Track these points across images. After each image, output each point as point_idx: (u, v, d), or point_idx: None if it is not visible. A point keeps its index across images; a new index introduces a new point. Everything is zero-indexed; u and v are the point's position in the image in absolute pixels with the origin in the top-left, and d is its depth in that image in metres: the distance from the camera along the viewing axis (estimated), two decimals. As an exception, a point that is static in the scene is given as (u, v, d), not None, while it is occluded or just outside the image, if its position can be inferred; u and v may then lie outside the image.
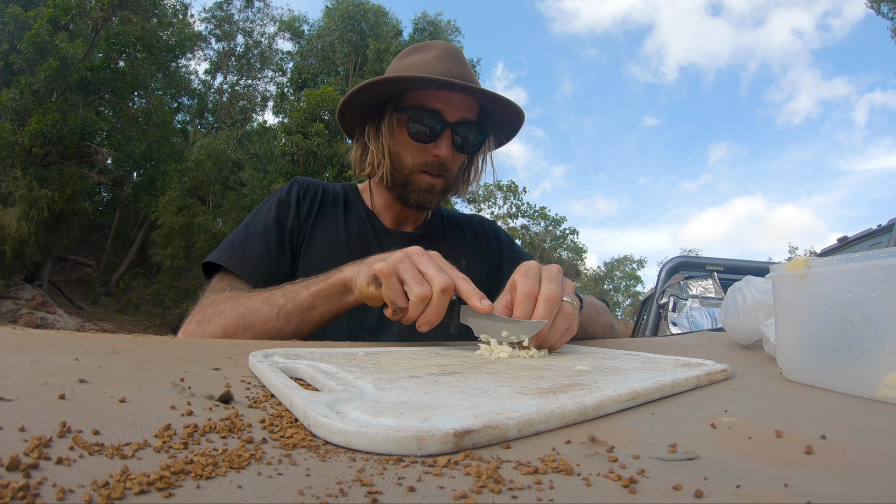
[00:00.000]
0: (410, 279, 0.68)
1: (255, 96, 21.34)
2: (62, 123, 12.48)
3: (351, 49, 17.83)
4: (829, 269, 0.49)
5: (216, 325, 0.87)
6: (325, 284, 0.82)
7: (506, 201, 25.76)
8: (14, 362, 0.44)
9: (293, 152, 13.53)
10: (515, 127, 1.19)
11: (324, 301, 0.83)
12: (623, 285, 36.09)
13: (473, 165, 1.20)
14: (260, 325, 0.84)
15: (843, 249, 5.11)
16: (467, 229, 1.32)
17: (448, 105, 1.06)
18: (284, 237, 1.09)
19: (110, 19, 13.81)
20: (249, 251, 1.04)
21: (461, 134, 1.08)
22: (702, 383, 0.51)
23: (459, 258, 1.20)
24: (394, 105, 1.09)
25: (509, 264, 1.29)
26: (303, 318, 0.84)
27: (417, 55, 1.12)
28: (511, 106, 1.10)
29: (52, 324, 11.67)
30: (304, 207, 1.14)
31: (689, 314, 4.62)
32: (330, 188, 1.22)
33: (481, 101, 1.10)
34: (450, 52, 1.12)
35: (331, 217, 1.16)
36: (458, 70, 1.08)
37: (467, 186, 1.20)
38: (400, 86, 1.07)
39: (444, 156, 1.06)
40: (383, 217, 1.21)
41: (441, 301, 0.67)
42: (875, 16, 13.80)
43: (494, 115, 1.14)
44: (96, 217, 17.94)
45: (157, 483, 0.22)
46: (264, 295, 0.88)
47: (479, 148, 1.14)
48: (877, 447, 0.31)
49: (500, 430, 0.31)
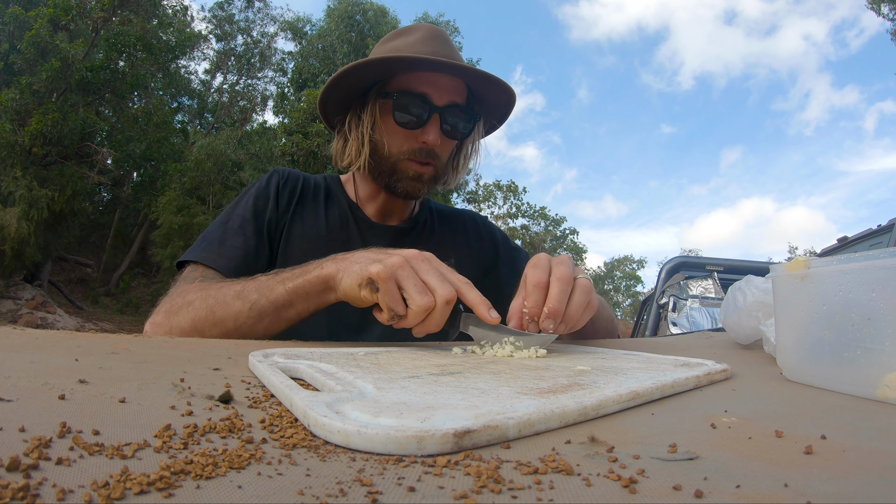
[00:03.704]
0: (412, 288, 0.64)
1: (255, 96, 21.33)
2: (62, 123, 12.48)
3: (351, 49, 17.85)
4: (829, 269, 0.49)
5: (184, 317, 0.81)
6: (304, 281, 0.76)
7: (506, 201, 25.79)
8: (14, 362, 0.44)
9: (293, 152, 13.54)
10: (506, 110, 1.13)
11: (301, 299, 0.77)
12: (623, 285, 36.09)
13: (463, 152, 1.14)
14: (230, 320, 0.79)
15: (843, 249, 5.10)
16: (458, 224, 1.26)
17: (435, 88, 1.00)
18: (262, 229, 1.04)
19: (110, 19, 13.81)
20: (227, 246, 0.98)
21: (450, 119, 1.02)
22: (702, 383, 0.50)
23: (448, 255, 1.15)
24: (378, 91, 1.03)
25: (507, 264, 1.24)
26: (277, 315, 0.78)
27: (401, 39, 1.07)
28: (501, 86, 1.04)
29: (52, 324, 11.67)
30: (283, 199, 1.10)
31: (689, 314, 4.62)
32: (311, 179, 1.17)
33: (470, 83, 1.05)
34: (435, 34, 1.06)
35: (311, 209, 1.11)
36: (445, 51, 1.03)
37: (457, 174, 1.14)
38: (383, 69, 1.01)
39: (432, 142, 1.00)
40: (367, 208, 1.15)
41: (444, 312, 0.64)
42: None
43: (484, 99, 1.09)
44: (96, 217, 17.94)
45: (157, 483, 0.22)
46: (236, 287, 0.81)
47: (470, 133, 1.08)
48: (877, 447, 0.31)
49: (500, 430, 0.31)
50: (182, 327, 0.81)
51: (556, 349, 0.71)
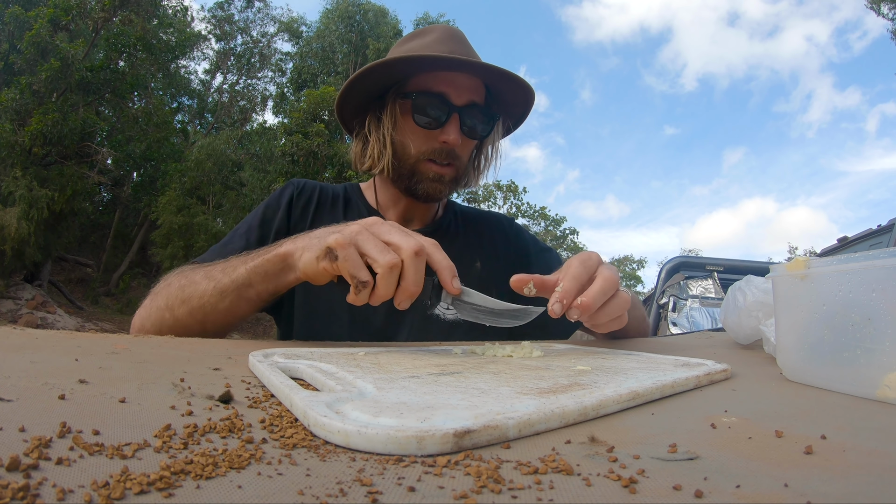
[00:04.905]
0: (373, 249, 0.60)
1: (254, 96, 21.35)
2: (62, 123, 12.48)
3: (351, 49, 17.85)
4: (829, 269, 0.49)
5: (161, 297, 0.83)
6: (262, 260, 0.74)
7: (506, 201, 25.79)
8: (14, 362, 0.44)
9: (293, 152, 13.54)
10: (525, 109, 1.12)
11: (260, 278, 0.75)
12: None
13: (483, 153, 1.13)
14: (196, 298, 0.78)
15: (843, 249, 5.11)
16: (484, 227, 1.22)
17: (454, 87, 1.00)
18: (268, 236, 1.05)
19: (111, 19, 13.82)
20: (228, 250, 0.99)
21: (470, 118, 1.01)
22: (702, 383, 0.50)
23: (474, 258, 1.13)
24: (396, 92, 1.03)
25: (539, 268, 1.15)
26: (238, 294, 0.77)
27: (417, 40, 1.07)
28: (520, 83, 1.03)
29: (52, 324, 11.66)
30: (296, 209, 1.10)
31: (689, 314, 4.63)
32: (329, 189, 1.17)
33: (488, 82, 1.05)
34: (451, 34, 1.06)
35: (329, 218, 1.10)
36: (462, 50, 1.03)
37: (478, 175, 1.13)
38: (401, 70, 1.01)
39: (453, 142, 0.99)
40: (388, 214, 1.14)
41: (417, 265, 0.60)
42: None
43: (501, 99, 1.08)
44: (96, 217, 17.94)
45: (157, 483, 0.22)
46: (208, 268, 0.82)
47: (490, 133, 1.07)
48: (877, 447, 0.31)
49: (500, 430, 0.31)
50: (158, 307, 0.83)
51: (556, 349, 0.71)
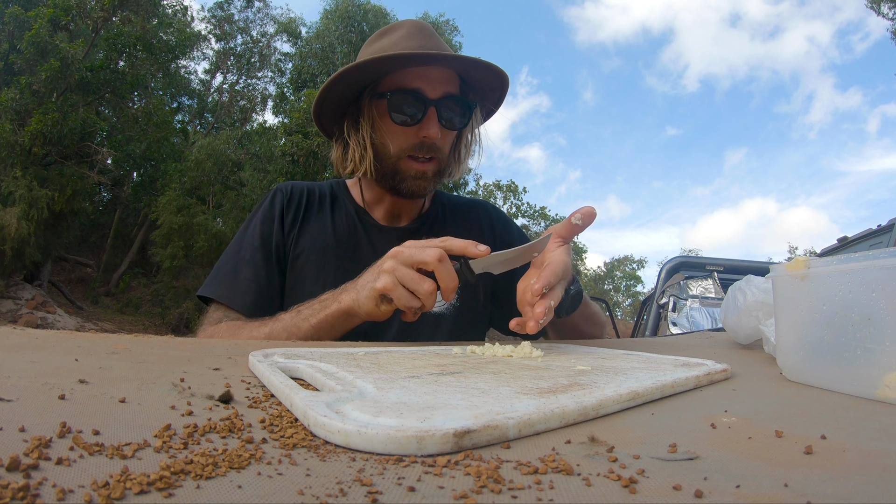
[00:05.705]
0: (411, 282, 0.72)
1: (254, 96, 21.32)
2: (62, 123, 12.47)
3: (350, 49, 17.83)
4: (829, 269, 0.49)
5: None
6: (326, 315, 0.83)
7: (506, 201, 25.77)
8: (14, 362, 0.44)
9: (293, 152, 13.53)
10: (501, 94, 1.12)
11: (327, 330, 0.84)
12: (623, 285, 36.11)
13: (464, 142, 1.14)
14: None
15: (843, 249, 5.10)
16: (471, 216, 1.24)
17: (427, 81, 1.00)
18: (271, 255, 1.07)
19: (111, 19, 13.81)
20: (240, 279, 1.03)
21: (447, 110, 1.02)
22: (702, 383, 0.50)
23: None
24: (371, 93, 1.03)
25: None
26: None
27: (385, 38, 1.07)
28: (493, 70, 1.04)
29: (52, 324, 11.66)
30: (287, 218, 1.11)
31: (689, 314, 4.62)
32: (316, 189, 1.17)
33: (461, 71, 1.05)
34: (419, 28, 1.06)
35: (317, 219, 1.12)
36: (430, 44, 1.03)
37: (460, 165, 1.14)
38: (374, 70, 1.01)
39: (433, 136, 1.00)
40: (375, 211, 1.15)
41: (446, 270, 0.71)
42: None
43: (477, 86, 1.08)
44: (96, 217, 17.92)
45: (157, 483, 0.22)
46: (264, 331, 0.88)
47: (468, 122, 1.07)
48: (877, 447, 0.31)
49: (500, 430, 0.31)
50: None
51: (557, 349, 0.71)
